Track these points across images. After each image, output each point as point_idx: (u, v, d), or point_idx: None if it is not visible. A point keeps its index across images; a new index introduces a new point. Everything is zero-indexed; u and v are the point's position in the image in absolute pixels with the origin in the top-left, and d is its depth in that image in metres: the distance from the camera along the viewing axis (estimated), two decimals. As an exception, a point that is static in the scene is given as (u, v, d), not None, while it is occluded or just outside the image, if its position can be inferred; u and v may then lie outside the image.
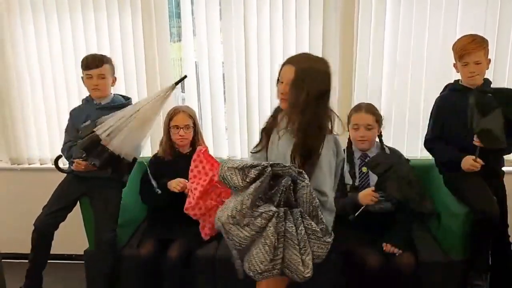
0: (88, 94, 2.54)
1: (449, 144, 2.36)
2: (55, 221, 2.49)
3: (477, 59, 2.22)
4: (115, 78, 2.54)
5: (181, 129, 2.47)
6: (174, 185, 2.38)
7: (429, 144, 2.46)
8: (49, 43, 2.99)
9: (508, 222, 2.39)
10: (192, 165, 2.39)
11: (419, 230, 2.50)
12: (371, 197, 2.15)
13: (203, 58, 2.95)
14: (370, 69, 2.85)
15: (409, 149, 2.90)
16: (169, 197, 2.38)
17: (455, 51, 2.29)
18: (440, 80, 2.71)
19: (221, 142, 3.06)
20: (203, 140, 2.62)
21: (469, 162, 2.21)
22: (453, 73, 2.58)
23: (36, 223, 2.46)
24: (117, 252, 2.46)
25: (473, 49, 2.21)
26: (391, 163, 2.13)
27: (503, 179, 2.38)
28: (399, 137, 2.91)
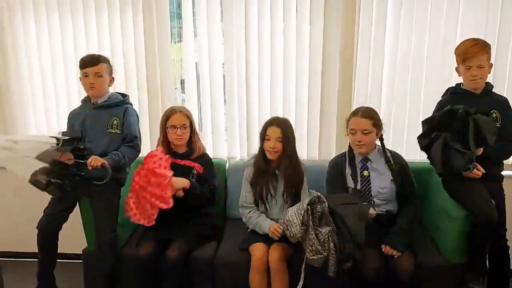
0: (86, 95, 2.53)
1: None
2: (57, 223, 2.50)
3: (480, 62, 2.22)
4: (113, 78, 2.54)
5: (178, 129, 2.48)
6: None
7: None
8: (50, 42, 2.99)
9: (506, 225, 2.39)
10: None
11: (418, 233, 2.51)
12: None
13: (203, 59, 2.95)
14: (370, 72, 2.86)
15: (409, 152, 2.90)
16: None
17: (458, 55, 2.30)
18: (440, 83, 2.73)
19: (221, 143, 3.06)
20: (199, 140, 2.62)
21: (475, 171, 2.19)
22: (453, 77, 2.59)
23: (39, 226, 2.47)
24: (117, 252, 2.46)
25: (476, 52, 2.21)
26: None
27: (502, 183, 2.38)
28: (398, 140, 2.92)
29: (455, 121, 2.11)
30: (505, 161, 2.41)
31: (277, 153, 2.44)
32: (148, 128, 3.03)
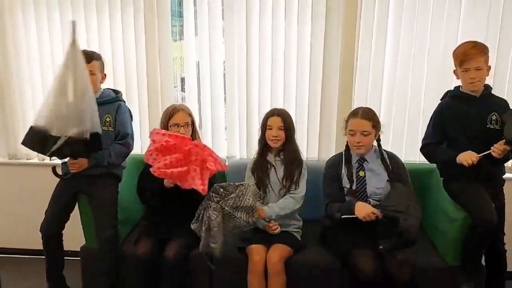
0: None
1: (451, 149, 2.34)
2: (59, 223, 2.50)
3: (477, 65, 2.21)
4: (105, 75, 2.51)
5: (182, 127, 2.47)
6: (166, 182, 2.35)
7: (427, 147, 2.44)
8: (50, 40, 2.99)
9: (504, 229, 2.39)
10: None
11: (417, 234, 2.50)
12: (367, 215, 2.16)
13: (204, 57, 2.95)
14: (370, 73, 2.86)
15: (408, 154, 2.90)
16: (166, 196, 2.36)
17: (455, 57, 2.29)
18: (440, 86, 2.72)
19: (221, 141, 3.07)
20: (200, 138, 2.62)
21: (470, 154, 2.18)
22: (453, 79, 2.58)
23: (41, 229, 2.47)
24: (118, 249, 2.46)
25: (474, 54, 2.21)
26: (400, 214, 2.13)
27: (503, 187, 2.38)
28: (398, 141, 2.91)
29: None
30: (506, 164, 2.40)
31: (279, 141, 2.49)
32: (147, 126, 3.03)
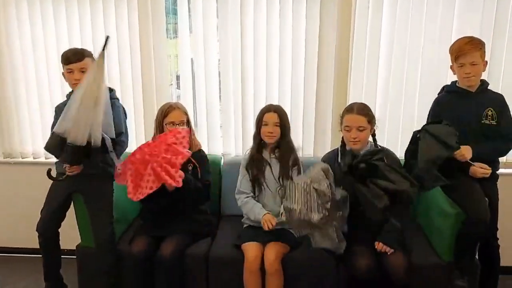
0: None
1: None
2: (55, 222, 2.49)
3: (472, 60, 2.22)
4: None
5: (177, 125, 2.47)
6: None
7: None
8: (44, 37, 2.98)
9: (498, 224, 2.39)
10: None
11: (412, 230, 2.51)
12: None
13: (199, 55, 2.94)
14: (365, 70, 2.86)
15: (403, 150, 2.88)
16: (161, 194, 2.32)
17: (451, 52, 2.29)
18: (435, 81, 2.73)
19: (216, 139, 3.06)
20: (195, 136, 2.61)
21: (479, 171, 2.21)
22: (448, 74, 2.59)
23: (37, 228, 2.46)
24: (116, 247, 2.45)
25: (469, 49, 2.21)
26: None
27: (497, 183, 2.38)
28: (393, 137, 2.92)
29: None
30: (500, 159, 2.41)
31: (275, 137, 2.50)
32: (142, 123, 3.03)
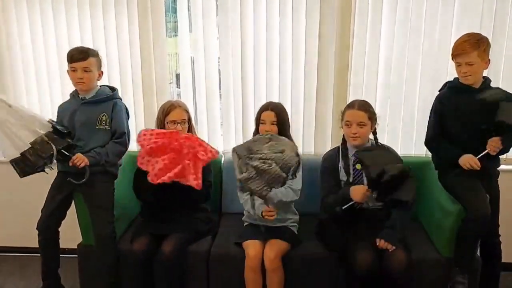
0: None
1: (449, 141, 2.34)
2: (55, 221, 2.49)
3: (468, 60, 2.20)
4: (102, 72, 2.49)
5: (179, 124, 2.47)
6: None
7: (431, 142, 2.42)
8: (44, 37, 2.97)
9: (499, 221, 2.39)
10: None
11: (413, 227, 2.51)
12: (363, 196, 2.15)
13: (199, 53, 2.94)
14: (365, 68, 2.86)
15: (404, 147, 2.91)
16: (162, 192, 2.34)
17: (451, 50, 2.29)
18: (435, 78, 2.73)
19: (216, 137, 3.06)
20: (196, 134, 2.61)
21: (471, 160, 2.20)
22: (448, 71, 2.59)
23: (38, 227, 2.46)
24: (117, 245, 2.45)
25: (464, 50, 2.20)
26: (382, 166, 2.10)
27: (498, 179, 2.38)
28: (394, 134, 2.92)
29: None
30: (500, 156, 2.40)
31: None
32: (143, 122, 3.02)
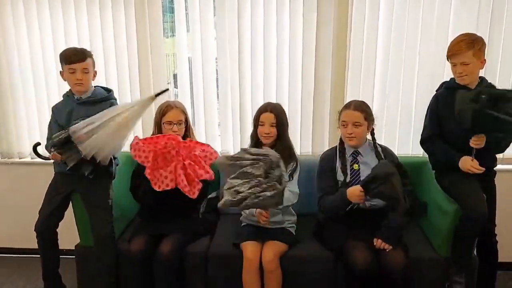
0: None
1: (445, 142, 2.34)
2: (54, 222, 2.49)
3: (463, 60, 2.21)
4: (96, 72, 2.48)
5: (175, 125, 2.47)
6: None
7: (427, 142, 2.43)
8: (41, 37, 2.97)
9: (496, 220, 2.40)
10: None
11: (410, 227, 2.52)
12: (359, 197, 2.17)
13: (196, 53, 2.94)
14: (363, 66, 2.86)
15: (401, 147, 2.92)
16: (159, 193, 2.31)
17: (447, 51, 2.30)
18: (432, 78, 2.74)
19: (214, 137, 3.06)
20: (194, 135, 2.62)
21: (469, 163, 2.21)
22: (445, 71, 2.59)
23: (36, 228, 2.46)
24: (115, 246, 2.45)
25: (459, 50, 2.20)
26: (385, 177, 2.10)
27: (495, 179, 2.39)
28: (391, 134, 2.93)
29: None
30: (498, 156, 2.41)
31: (271, 138, 2.48)
32: (140, 122, 3.01)
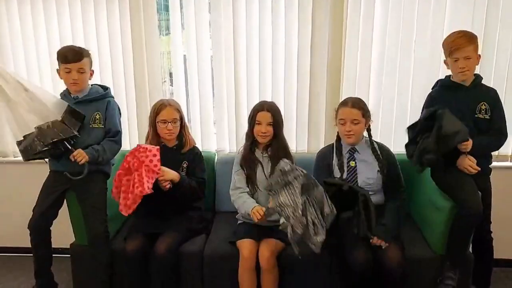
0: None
1: None
2: (47, 220, 2.47)
3: (466, 54, 2.22)
4: (93, 71, 2.47)
5: (169, 123, 2.46)
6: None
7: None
8: (35, 34, 2.95)
9: (491, 218, 2.40)
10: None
11: (406, 224, 2.52)
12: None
13: (191, 51, 2.93)
14: (358, 64, 2.86)
15: (397, 144, 2.90)
16: (154, 192, 2.29)
17: (445, 47, 2.29)
18: (427, 75, 2.75)
19: (210, 135, 3.06)
20: (189, 133, 2.61)
21: (466, 162, 2.21)
22: (441, 69, 2.60)
23: (29, 225, 2.44)
24: (110, 245, 2.45)
25: (462, 44, 2.21)
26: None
27: (490, 177, 2.39)
28: (387, 131, 2.93)
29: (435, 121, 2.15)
30: (493, 153, 2.42)
31: (268, 136, 2.48)
32: (135, 121, 3.01)
